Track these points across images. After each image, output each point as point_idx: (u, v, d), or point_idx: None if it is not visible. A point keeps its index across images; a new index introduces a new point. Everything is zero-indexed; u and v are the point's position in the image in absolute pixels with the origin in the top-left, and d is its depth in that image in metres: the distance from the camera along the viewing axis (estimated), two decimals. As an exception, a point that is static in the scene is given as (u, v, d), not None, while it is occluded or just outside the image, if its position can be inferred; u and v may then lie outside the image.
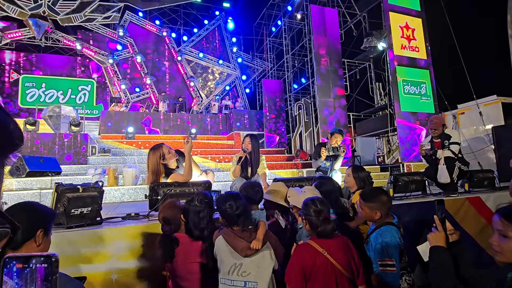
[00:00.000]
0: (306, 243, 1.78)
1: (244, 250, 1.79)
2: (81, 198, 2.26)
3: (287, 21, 14.47)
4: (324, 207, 1.80)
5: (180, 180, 2.88)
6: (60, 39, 14.10)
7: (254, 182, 2.61)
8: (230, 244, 1.82)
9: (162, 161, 2.99)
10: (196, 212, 1.85)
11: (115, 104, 13.63)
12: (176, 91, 16.11)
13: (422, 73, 8.11)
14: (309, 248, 1.74)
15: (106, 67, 14.99)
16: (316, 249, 1.72)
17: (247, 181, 3.14)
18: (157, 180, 2.91)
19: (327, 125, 8.65)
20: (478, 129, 8.01)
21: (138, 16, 15.83)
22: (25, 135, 6.98)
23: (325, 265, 1.68)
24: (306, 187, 2.27)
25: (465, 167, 3.99)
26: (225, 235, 1.86)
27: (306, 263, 1.69)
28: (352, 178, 2.88)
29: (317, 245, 1.73)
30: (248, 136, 3.75)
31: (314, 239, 1.77)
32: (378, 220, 2.01)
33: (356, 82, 12.66)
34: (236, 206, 1.84)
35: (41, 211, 1.38)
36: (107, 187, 4.88)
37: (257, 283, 1.77)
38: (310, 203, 1.83)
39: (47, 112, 8.30)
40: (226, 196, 1.92)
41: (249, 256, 1.80)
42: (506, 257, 1.16)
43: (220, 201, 1.92)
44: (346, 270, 1.71)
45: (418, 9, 8.54)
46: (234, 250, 1.81)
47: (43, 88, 14.15)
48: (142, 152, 9.11)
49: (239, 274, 1.78)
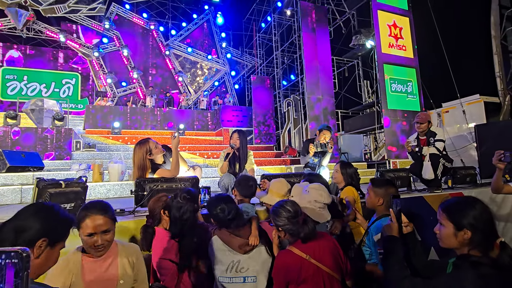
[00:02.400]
0: (287, 250, 1.65)
1: (242, 247, 1.82)
2: (64, 194, 2.19)
3: (276, 17, 14.44)
4: (296, 207, 1.67)
5: (166, 175, 2.83)
6: (42, 30, 13.64)
7: (249, 176, 2.60)
8: (227, 243, 1.83)
9: (149, 156, 2.93)
10: (178, 208, 1.80)
11: (100, 98, 13.32)
12: (164, 86, 15.87)
13: (408, 71, 8.24)
14: (291, 256, 1.61)
15: (91, 60, 14.61)
16: (299, 256, 1.60)
17: (242, 174, 3.11)
18: (143, 176, 2.86)
19: (314, 110, 8.72)
20: (461, 127, 8.23)
21: (125, 9, 15.47)
22: (5, 129, 6.74)
23: (311, 270, 1.59)
24: (311, 185, 1.95)
25: (449, 164, 4.09)
26: (220, 234, 1.87)
27: (291, 272, 1.59)
28: (340, 174, 2.87)
29: (299, 251, 1.61)
30: (236, 132, 3.72)
31: (296, 244, 1.64)
32: (379, 207, 2.07)
33: (344, 80, 12.78)
34: (228, 210, 1.82)
35: (53, 217, 1.21)
36: (92, 183, 4.77)
37: (256, 277, 1.80)
38: (281, 210, 1.65)
39: (29, 106, 8.03)
40: (217, 200, 1.90)
41: (247, 253, 1.83)
42: (444, 243, 1.33)
43: (211, 204, 1.91)
44: (335, 272, 1.63)
45: (405, 9, 8.65)
46: (231, 248, 1.82)
47: (25, 81, 13.69)
48: (128, 148, 8.95)
49: (238, 271, 1.80)
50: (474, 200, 1.31)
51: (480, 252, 1.22)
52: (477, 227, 1.23)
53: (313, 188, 1.91)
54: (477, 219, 1.24)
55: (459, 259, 1.27)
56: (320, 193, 1.88)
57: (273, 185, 2.29)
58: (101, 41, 14.79)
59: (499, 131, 6.17)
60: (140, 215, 2.41)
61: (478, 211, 1.25)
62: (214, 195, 2.15)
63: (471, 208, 1.27)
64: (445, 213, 1.33)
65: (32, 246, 1.13)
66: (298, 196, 1.94)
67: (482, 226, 1.23)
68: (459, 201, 1.34)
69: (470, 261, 1.20)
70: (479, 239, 1.23)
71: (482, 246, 1.22)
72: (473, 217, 1.24)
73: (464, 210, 1.28)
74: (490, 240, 1.22)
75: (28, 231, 1.14)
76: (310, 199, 1.85)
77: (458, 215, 1.28)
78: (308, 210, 1.81)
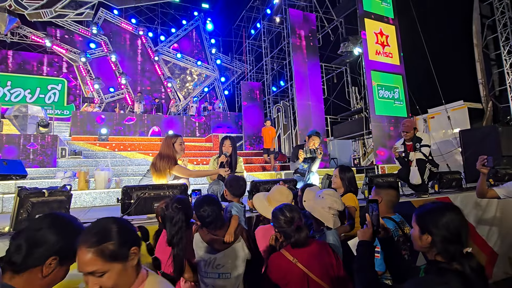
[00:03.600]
0: (278, 253, 1.71)
1: (217, 245, 1.90)
2: (47, 203, 2.12)
3: (266, 24, 14.58)
4: (294, 214, 1.72)
5: (183, 173, 3.16)
6: (28, 35, 13.39)
7: (239, 176, 2.62)
8: (205, 240, 1.92)
9: (173, 145, 3.14)
10: (170, 219, 1.82)
11: (87, 104, 13.08)
12: (152, 91, 15.74)
13: (395, 78, 8.42)
14: (281, 258, 1.68)
15: (78, 66, 14.39)
16: (287, 259, 1.65)
17: (232, 175, 3.06)
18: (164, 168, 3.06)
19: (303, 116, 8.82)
20: (446, 133, 8.43)
21: (113, 14, 15.35)
22: (-13, 136, 6.53)
23: (297, 274, 1.61)
24: (325, 191, 1.99)
25: (435, 168, 4.16)
26: (201, 232, 1.96)
27: (278, 274, 1.64)
28: (339, 179, 2.76)
29: (288, 254, 1.67)
30: (228, 139, 3.70)
31: (287, 248, 1.70)
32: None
33: (333, 86, 12.95)
34: (208, 213, 1.89)
35: (69, 231, 1.08)
36: (77, 191, 4.65)
37: (230, 274, 1.89)
38: (279, 213, 1.73)
39: (12, 112, 7.82)
40: (202, 201, 1.96)
41: (222, 251, 1.90)
42: (415, 245, 1.37)
43: (196, 205, 1.97)
44: (324, 281, 1.62)
45: (391, 17, 8.88)
46: (208, 245, 1.91)
47: (9, 86, 13.35)
48: (116, 155, 8.78)
49: (214, 267, 1.89)
50: (447, 208, 1.31)
51: (445, 258, 1.24)
52: (438, 233, 1.25)
53: (328, 195, 1.94)
54: (439, 226, 1.25)
55: (428, 264, 1.30)
56: (335, 199, 1.91)
57: (274, 195, 2.18)
58: (88, 46, 14.60)
59: (482, 136, 6.35)
60: (127, 224, 2.36)
61: (446, 218, 1.26)
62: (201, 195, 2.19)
63: (439, 214, 1.29)
64: (415, 216, 1.38)
65: (42, 264, 1.05)
66: (311, 201, 1.98)
67: (445, 234, 1.24)
68: (432, 207, 1.35)
69: (438, 267, 1.23)
70: (441, 246, 1.24)
71: (447, 253, 1.23)
72: (437, 223, 1.26)
73: (430, 215, 1.31)
74: (455, 248, 1.22)
75: (42, 246, 1.05)
76: (324, 205, 1.88)
77: (424, 219, 1.32)
78: (322, 215, 1.87)
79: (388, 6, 8.91)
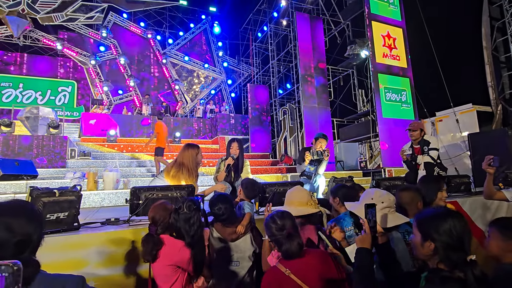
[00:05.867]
0: (273, 266, 1.61)
1: (230, 235, 2.21)
2: (58, 203, 2.17)
3: (273, 27, 14.62)
4: (286, 221, 1.62)
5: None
6: (40, 38, 13.67)
7: (255, 181, 2.82)
8: (219, 232, 2.23)
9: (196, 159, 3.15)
10: (186, 220, 1.81)
11: (96, 106, 13.28)
12: (160, 94, 15.90)
13: (402, 81, 8.36)
14: (274, 271, 1.58)
15: (88, 68, 14.63)
16: (280, 271, 1.54)
17: (248, 178, 3.05)
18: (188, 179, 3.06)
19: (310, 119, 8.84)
20: (455, 136, 8.32)
21: (123, 18, 15.58)
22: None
23: (290, 286, 1.51)
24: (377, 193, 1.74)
25: (443, 172, 4.13)
26: (216, 225, 2.26)
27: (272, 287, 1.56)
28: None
29: (282, 265, 1.56)
30: (235, 141, 3.71)
31: (281, 260, 1.59)
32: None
33: (339, 89, 12.91)
34: (222, 210, 2.19)
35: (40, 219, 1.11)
36: (86, 191, 4.73)
37: (239, 262, 2.20)
38: (270, 221, 1.65)
39: (24, 113, 7.99)
40: (216, 200, 2.24)
41: (233, 241, 2.22)
42: (415, 252, 1.35)
43: (211, 203, 2.25)
44: None
45: (399, 19, 8.83)
46: (222, 236, 2.21)
47: (21, 88, 13.64)
48: (124, 156, 8.90)
49: (225, 256, 2.19)
50: (449, 214, 1.28)
51: (447, 266, 1.19)
52: (441, 240, 1.20)
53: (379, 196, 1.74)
54: (442, 232, 1.21)
55: (430, 273, 1.24)
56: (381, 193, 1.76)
57: (292, 195, 2.08)
58: (98, 49, 14.83)
59: (492, 140, 6.26)
60: (136, 225, 2.40)
61: (448, 224, 1.22)
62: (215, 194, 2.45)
63: (441, 220, 1.24)
64: (416, 222, 1.33)
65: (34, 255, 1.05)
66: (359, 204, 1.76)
67: (448, 240, 1.20)
68: (433, 213, 1.31)
69: (440, 276, 1.17)
70: (444, 253, 1.20)
71: (449, 260, 1.19)
72: (439, 230, 1.22)
73: (432, 221, 1.26)
74: (458, 256, 1.18)
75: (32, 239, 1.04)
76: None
77: (425, 225, 1.28)
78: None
79: (395, 8, 8.87)
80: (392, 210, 1.71)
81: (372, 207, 1.47)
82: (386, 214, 1.68)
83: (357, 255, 1.43)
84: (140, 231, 2.22)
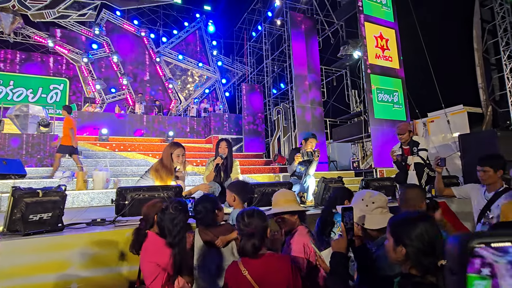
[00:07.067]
0: (235, 261, 1.64)
1: (212, 243, 2.05)
2: (41, 203, 2.14)
3: (267, 26, 14.61)
4: (253, 220, 1.62)
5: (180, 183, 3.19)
6: (31, 35, 13.47)
7: (244, 183, 2.69)
8: (200, 235, 2.10)
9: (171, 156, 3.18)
10: (171, 220, 1.84)
11: (89, 104, 13.13)
12: (153, 92, 15.79)
13: (394, 81, 8.43)
14: (234, 267, 1.60)
15: (80, 66, 14.46)
16: (239, 269, 1.56)
17: (239, 180, 3.08)
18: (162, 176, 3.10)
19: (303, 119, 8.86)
20: (446, 137, 8.41)
21: (116, 15, 15.42)
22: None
23: (245, 286, 1.51)
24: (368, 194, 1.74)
25: (432, 172, 4.16)
26: (200, 229, 2.12)
27: (231, 283, 1.58)
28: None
29: (241, 263, 1.57)
30: (224, 141, 3.71)
31: (242, 258, 1.61)
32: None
33: (333, 89, 12.96)
34: (199, 209, 2.08)
35: None
36: (75, 191, 4.68)
37: (221, 269, 2.04)
38: (239, 217, 1.68)
39: (14, 111, 7.87)
40: (199, 199, 2.17)
41: (215, 249, 2.06)
42: (390, 257, 1.30)
43: (195, 203, 2.19)
44: None
45: (392, 21, 8.89)
46: (204, 244, 2.08)
47: (11, 86, 13.42)
48: (115, 155, 8.82)
49: (208, 263, 2.04)
50: (420, 218, 1.25)
51: (419, 271, 1.18)
52: (412, 245, 1.19)
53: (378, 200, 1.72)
54: (413, 237, 1.19)
55: (403, 278, 1.23)
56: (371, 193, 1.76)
57: (277, 196, 2.09)
58: (91, 46, 14.67)
59: (482, 141, 6.34)
60: (121, 225, 2.37)
61: (419, 229, 1.20)
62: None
63: (412, 225, 1.23)
64: (389, 227, 1.31)
65: None
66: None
67: (419, 246, 1.18)
68: (405, 217, 1.29)
69: (412, 282, 1.16)
70: (415, 258, 1.19)
71: (421, 265, 1.18)
72: (410, 235, 1.20)
73: (404, 226, 1.25)
74: (429, 261, 1.17)
75: None
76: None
77: (397, 230, 1.26)
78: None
79: (388, 10, 8.94)
80: (385, 211, 1.71)
81: (349, 210, 1.45)
82: (376, 215, 1.67)
83: (332, 259, 1.42)
84: (125, 232, 2.20)
